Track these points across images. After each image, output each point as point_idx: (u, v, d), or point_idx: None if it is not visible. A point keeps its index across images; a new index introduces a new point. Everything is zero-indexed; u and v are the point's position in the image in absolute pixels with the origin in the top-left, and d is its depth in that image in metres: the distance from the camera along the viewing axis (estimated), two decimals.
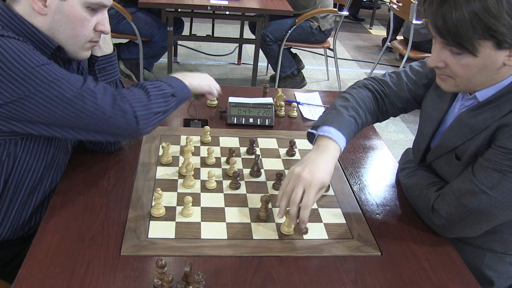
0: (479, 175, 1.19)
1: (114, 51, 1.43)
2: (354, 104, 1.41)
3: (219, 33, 5.61)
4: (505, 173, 1.15)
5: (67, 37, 1.22)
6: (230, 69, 4.89)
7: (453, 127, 1.29)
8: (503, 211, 1.19)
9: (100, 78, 1.40)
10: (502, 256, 1.38)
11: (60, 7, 1.18)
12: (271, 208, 1.33)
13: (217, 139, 1.67)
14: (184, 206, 1.28)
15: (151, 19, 3.85)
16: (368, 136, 1.80)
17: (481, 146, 1.21)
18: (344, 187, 1.47)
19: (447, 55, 1.16)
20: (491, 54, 1.10)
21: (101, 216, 1.25)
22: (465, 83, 1.19)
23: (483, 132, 1.21)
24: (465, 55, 1.12)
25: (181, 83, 1.35)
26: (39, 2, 1.16)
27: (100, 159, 1.46)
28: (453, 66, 1.16)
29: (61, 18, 1.19)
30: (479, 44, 1.09)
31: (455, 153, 1.29)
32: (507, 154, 1.15)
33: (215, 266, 1.13)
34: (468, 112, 1.25)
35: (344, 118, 1.34)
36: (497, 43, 1.08)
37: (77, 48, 1.25)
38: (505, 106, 1.18)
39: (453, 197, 1.23)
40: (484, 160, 1.19)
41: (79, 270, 1.07)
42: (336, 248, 1.22)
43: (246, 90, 2.14)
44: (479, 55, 1.11)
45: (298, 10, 3.95)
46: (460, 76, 1.17)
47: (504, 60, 1.12)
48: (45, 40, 1.20)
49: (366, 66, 5.36)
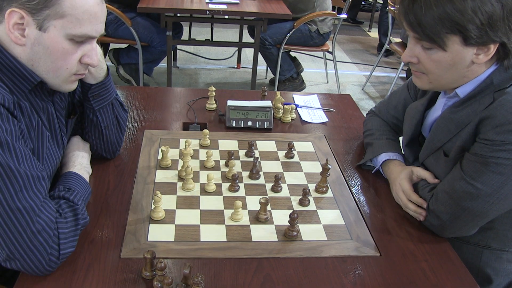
0: (469, 171, 1.21)
1: (108, 76, 1.36)
2: (375, 131, 1.63)
3: (218, 37, 5.63)
4: (492, 165, 1.18)
5: (47, 69, 1.11)
6: (229, 73, 4.90)
7: (439, 125, 1.34)
8: (495, 205, 1.20)
9: (94, 103, 1.36)
10: (499, 253, 1.38)
11: (40, 38, 1.06)
12: (270, 210, 1.34)
13: (216, 142, 1.67)
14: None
15: (150, 24, 3.86)
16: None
17: (467, 141, 1.25)
18: (343, 189, 1.48)
19: (420, 51, 1.24)
20: (459, 50, 1.18)
21: (101, 219, 1.25)
22: (438, 80, 1.27)
23: (467, 127, 1.25)
24: (436, 50, 1.20)
25: (82, 184, 1.24)
26: (16, 31, 1.05)
27: (100, 163, 1.47)
28: (425, 61, 1.24)
29: (40, 50, 1.08)
30: (448, 39, 1.17)
31: (443, 150, 1.32)
32: (491, 145, 1.17)
33: (214, 268, 1.13)
34: (451, 108, 1.30)
35: (382, 142, 1.56)
36: (464, 39, 1.16)
37: (59, 82, 1.15)
38: (485, 99, 1.22)
39: (446, 196, 1.25)
40: (471, 155, 1.22)
41: (79, 273, 1.08)
42: (335, 249, 1.23)
43: (244, 93, 2.15)
44: (448, 50, 1.19)
45: (296, 14, 3.96)
46: (432, 72, 1.25)
47: (472, 58, 1.19)
48: (25, 73, 1.10)
49: (365, 69, 5.37)
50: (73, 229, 1.09)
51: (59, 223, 1.06)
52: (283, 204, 1.39)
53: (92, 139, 1.43)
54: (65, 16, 1.06)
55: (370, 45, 6.32)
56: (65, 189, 1.17)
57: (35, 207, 1.01)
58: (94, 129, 1.41)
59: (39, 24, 1.05)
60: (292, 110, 1.91)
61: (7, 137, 1.00)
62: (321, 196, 1.44)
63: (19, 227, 1.00)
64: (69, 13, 1.06)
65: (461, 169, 1.23)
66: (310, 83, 4.75)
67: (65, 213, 1.09)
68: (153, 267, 1.07)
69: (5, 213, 0.99)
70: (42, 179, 1.06)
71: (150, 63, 4.08)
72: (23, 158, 1.02)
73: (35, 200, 1.02)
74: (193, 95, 2.05)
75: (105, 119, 1.41)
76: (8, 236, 1.00)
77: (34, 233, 1.01)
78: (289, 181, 1.49)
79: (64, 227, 1.07)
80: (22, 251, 1.01)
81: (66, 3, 1.05)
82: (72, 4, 1.06)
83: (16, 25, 1.05)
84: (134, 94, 2.00)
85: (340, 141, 1.76)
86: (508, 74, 1.21)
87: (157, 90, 2.13)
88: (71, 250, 1.08)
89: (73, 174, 1.26)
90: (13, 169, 0.99)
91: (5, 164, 0.98)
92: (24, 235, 1.00)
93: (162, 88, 2.19)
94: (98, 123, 1.40)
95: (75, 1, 1.06)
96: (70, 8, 1.06)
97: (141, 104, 1.91)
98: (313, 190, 1.46)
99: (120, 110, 1.46)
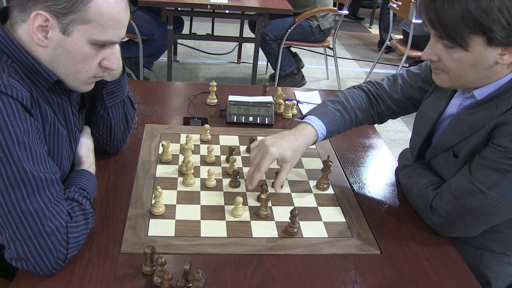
0: (477, 174, 1.19)
1: (123, 74, 1.36)
2: (343, 100, 1.50)
3: (219, 32, 5.61)
4: (503, 172, 1.15)
5: (67, 72, 1.12)
6: (230, 67, 4.89)
7: (452, 125, 1.30)
8: (501, 211, 1.19)
9: (107, 100, 1.35)
10: (500, 256, 1.38)
11: (62, 42, 1.06)
12: (270, 207, 1.33)
13: (217, 138, 1.66)
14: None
15: (151, 17, 3.84)
16: (368, 135, 1.81)
17: (479, 144, 1.22)
18: (344, 186, 1.47)
19: (440, 49, 1.18)
20: (482, 50, 1.12)
21: (101, 214, 1.25)
22: (458, 79, 1.21)
23: (481, 130, 1.21)
24: (457, 49, 1.14)
25: (91, 182, 1.24)
26: (39, 33, 1.04)
27: (100, 157, 1.46)
28: (446, 60, 1.18)
29: (62, 53, 1.07)
30: (470, 39, 1.11)
31: (452, 151, 1.29)
32: (504, 152, 1.15)
33: (214, 264, 1.13)
34: (467, 110, 1.26)
35: (328, 110, 1.45)
36: (488, 40, 1.09)
37: (78, 83, 1.16)
38: (503, 104, 1.18)
39: (452, 196, 1.23)
40: (482, 159, 1.19)
41: (79, 268, 1.07)
42: (336, 247, 1.22)
43: (245, 88, 2.14)
44: (470, 50, 1.13)
45: (298, 9, 3.95)
46: (452, 71, 1.19)
47: (496, 58, 1.13)
48: (43, 73, 1.09)
49: (365, 65, 5.36)
50: (83, 233, 1.09)
51: (69, 228, 1.05)
52: (283, 200, 1.38)
53: (99, 135, 1.43)
54: (90, 22, 1.05)
55: (370, 41, 6.31)
56: (80, 190, 1.16)
57: (46, 210, 1.01)
58: (103, 125, 1.41)
59: (63, 28, 1.04)
60: (293, 106, 1.90)
61: (24, 136, 0.99)
62: (322, 193, 1.43)
63: (29, 230, 0.99)
64: (94, 19, 1.05)
65: (469, 171, 1.21)
66: (310, 79, 4.74)
67: (77, 216, 1.09)
68: (153, 263, 1.07)
69: (16, 215, 0.98)
70: (56, 183, 1.06)
71: (151, 57, 4.06)
72: (38, 159, 1.02)
73: (46, 203, 1.02)
74: (194, 89, 2.04)
75: (115, 116, 1.41)
76: (17, 238, 1.00)
77: (44, 236, 1.00)
78: (290, 177, 1.49)
79: (75, 231, 1.07)
80: (29, 253, 1.00)
81: (92, 9, 1.04)
82: (98, 11, 1.05)
83: (40, 27, 1.04)
84: (134, 88, 1.99)
85: (341, 138, 1.75)
86: None
87: (158, 84, 2.12)
88: (76, 252, 1.09)
89: (86, 173, 1.25)
90: (27, 171, 0.99)
91: (20, 166, 0.98)
92: (33, 238, 1.00)
93: (162, 82, 2.18)
94: (109, 120, 1.40)
95: (101, 7, 1.05)
96: (95, 15, 1.05)
97: (141, 98, 1.90)
98: (314, 187, 1.45)
99: (129, 107, 1.46)
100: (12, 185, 0.97)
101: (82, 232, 1.09)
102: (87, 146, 1.34)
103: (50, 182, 1.03)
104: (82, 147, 1.33)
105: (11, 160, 0.97)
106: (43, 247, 1.01)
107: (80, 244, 1.09)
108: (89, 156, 1.32)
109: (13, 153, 0.97)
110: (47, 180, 1.03)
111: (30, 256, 1.00)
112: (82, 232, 1.09)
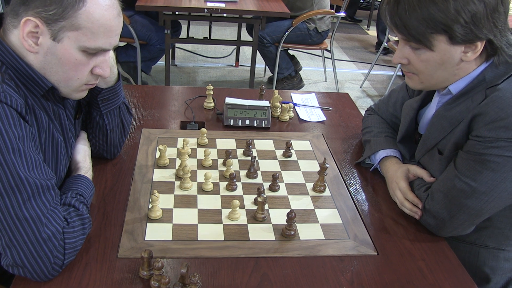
0: (462, 169, 1.22)
1: (118, 80, 1.36)
2: (373, 129, 1.63)
3: (217, 36, 5.62)
4: (485, 162, 1.18)
5: (58, 79, 1.11)
6: (228, 71, 4.90)
7: (433, 122, 1.34)
8: (489, 203, 1.20)
9: (102, 107, 1.36)
10: (495, 251, 1.39)
11: (53, 48, 1.06)
12: (267, 210, 1.34)
13: (214, 141, 1.67)
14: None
15: (149, 22, 3.85)
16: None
17: (460, 138, 1.25)
18: (341, 188, 1.48)
19: (409, 51, 1.25)
20: (446, 48, 1.19)
21: (98, 218, 1.25)
22: (429, 79, 1.28)
23: (460, 124, 1.25)
24: (423, 50, 1.22)
25: (89, 188, 1.24)
26: (30, 39, 1.04)
27: (97, 162, 1.46)
28: (415, 61, 1.26)
29: (53, 59, 1.07)
30: (434, 39, 1.18)
31: (437, 149, 1.33)
32: (484, 142, 1.17)
33: (211, 268, 1.13)
34: (445, 106, 1.31)
35: (380, 139, 1.57)
36: (450, 38, 1.17)
37: (70, 90, 1.15)
38: (477, 96, 1.23)
39: (442, 195, 1.25)
40: (464, 153, 1.22)
41: (76, 272, 1.08)
42: (333, 249, 1.23)
43: (242, 92, 2.14)
44: (435, 50, 1.20)
45: (295, 12, 3.96)
46: (422, 72, 1.26)
47: (460, 56, 1.20)
48: (38, 80, 1.09)
49: (363, 67, 5.37)
50: (80, 238, 1.10)
51: (66, 233, 1.06)
52: (280, 203, 1.38)
53: (95, 140, 1.43)
54: (80, 28, 1.05)
55: (368, 43, 6.31)
56: (76, 195, 1.17)
57: (42, 217, 1.01)
58: (99, 131, 1.41)
59: (53, 35, 1.05)
60: (290, 108, 1.90)
61: (19, 143, 1.00)
62: (319, 195, 1.44)
63: (25, 236, 1.00)
64: (85, 26, 1.05)
65: (455, 167, 1.24)
66: (308, 82, 4.74)
67: (73, 221, 1.09)
68: (150, 267, 1.07)
69: (12, 222, 0.99)
70: (52, 189, 1.06)
71: (149, 61, 4.07)
72: (33, 165, 1.02)
73: (42, 209, 1.02)
74: (191, 93, 2.04)
75: (111, 122, 1.41)
76: (14, 244, 1.00)
77: (40, 242, 1.01)
78: (287, 180, 1.49)
79: (72, 237, 1.07)
80: (26, 260, 1.01)
81: (82, 16, 1.04)
82: (88, 18, 1.05)
83: (31, 33, 1.04)
84: (132, 92, 2.00)
85: (338, 140, 1.76)
86: (499, 71, 1.22)
87: (155, 89, 2.12)
88: (73, 257, 1.09)
89: (83, 178, 1.25)
90: (22, 178, 0.99)
91: (15, 173, 0.98)
92: (30, 244, 1.00)
93: (160, 87, 2.19)
94: (104, 126, 1.40)
95: (92, 14, 1.05)
96: (86, 21, 1.05)
97: (139, 103, 1.91)
98: (311, 189, 1.46)
99: (126, 113, 1.46)
100: (7, 192, 0.98)
101: (79, 238, 1.09)
102: (84, 152, 1.34)
103: (46, 188, 1.04)
104: (79, 153, 1.33)
105: (6, 167, 0.97)
106: (39, 253, 1.01)
107: (77, 250, 1.09)
108: (86, 162, 1.32)
109: (8, 160, 0.97)
110: (43, 186, 1.03)
111: (27, 262, 1.01)
112: (79, 238, 1.09)
